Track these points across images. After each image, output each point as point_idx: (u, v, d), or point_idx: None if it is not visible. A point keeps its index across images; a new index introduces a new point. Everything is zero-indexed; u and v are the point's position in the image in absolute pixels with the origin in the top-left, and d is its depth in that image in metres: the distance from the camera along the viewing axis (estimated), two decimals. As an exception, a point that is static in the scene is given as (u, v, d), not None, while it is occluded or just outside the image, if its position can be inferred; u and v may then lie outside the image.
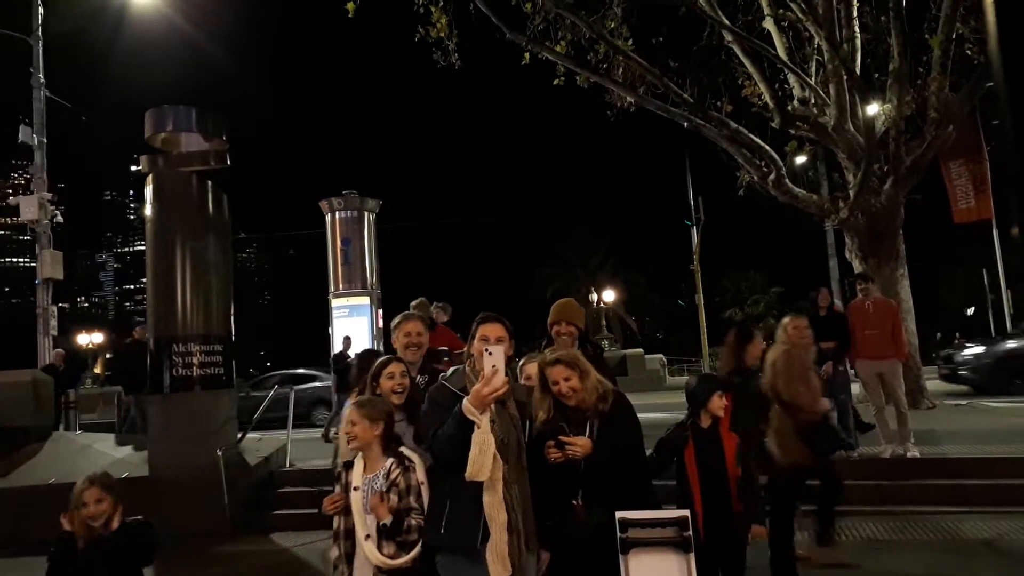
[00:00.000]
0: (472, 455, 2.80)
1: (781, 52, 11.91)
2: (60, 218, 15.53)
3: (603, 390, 3.23)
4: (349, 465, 3.20)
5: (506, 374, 2.97)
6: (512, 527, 2.84)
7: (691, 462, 3.74)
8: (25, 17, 15.18)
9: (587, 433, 3.13)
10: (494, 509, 2.82)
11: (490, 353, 2.85)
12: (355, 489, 3.09)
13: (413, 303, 8.78)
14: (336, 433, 3.97)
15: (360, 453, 3.16)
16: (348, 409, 3.25)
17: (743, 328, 5.00)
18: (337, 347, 13.65)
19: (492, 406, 2.89)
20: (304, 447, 9.87)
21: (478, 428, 2.82)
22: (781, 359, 4.56)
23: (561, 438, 3.08)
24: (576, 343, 4.15)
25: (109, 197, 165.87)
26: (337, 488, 3.21)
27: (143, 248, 10.26)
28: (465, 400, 2.84)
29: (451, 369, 3.26)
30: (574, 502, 3.11)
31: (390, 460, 3.12)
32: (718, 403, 3.77)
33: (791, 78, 12.18)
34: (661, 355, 26.64)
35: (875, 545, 5.84)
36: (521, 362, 3.73)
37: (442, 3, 11.65)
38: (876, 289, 8.29)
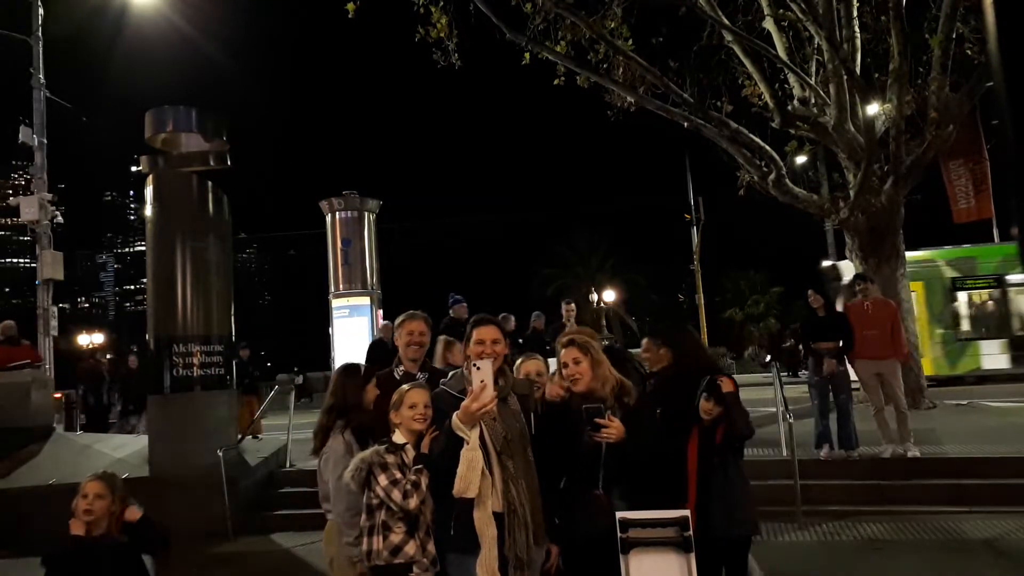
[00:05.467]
0: (460, 471, 2.79)
1: (781, 52, 11.91)
2: (60, 218, 15.53)
3: (620, 384, 3.21)
4: (397, 448, 3.14)
5: (498, 378, 2.97)
6: (520, 522, 2.84)
7: (693, 453, 3.72)
8: (25, 17, 15.18)
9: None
10: (484, 524, 2.81)
11: (478, 368, 2.82)
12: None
13: None
14: None
15: (403, 436, 3.16)
16: (415, 392, 3.22)
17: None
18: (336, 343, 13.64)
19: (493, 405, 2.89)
20: (304, 447, 9.86)
21: (467, 444, 2.80)
22: None
23: (597, 420, 3.03)
24: None
25: (109, 197, 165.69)
26: (382, 475, 3.07)
27: (143, 248, 10.26)
28: (454, 416, 2.84)
29: (451, 373, 3.26)
30: (596, 492, 3.10)
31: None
32: (705, 405, 3.75)
33: (791, 78, 12.17)
34: (661, 355, 26.60)
35: (875, 545, 5.84)
36: (519, 361, 3.74)
37: (442, 3, 11.63)
38: (875, 289, 8.28)
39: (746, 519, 3.69)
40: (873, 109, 11.17)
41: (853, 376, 7.82)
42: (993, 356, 16.10)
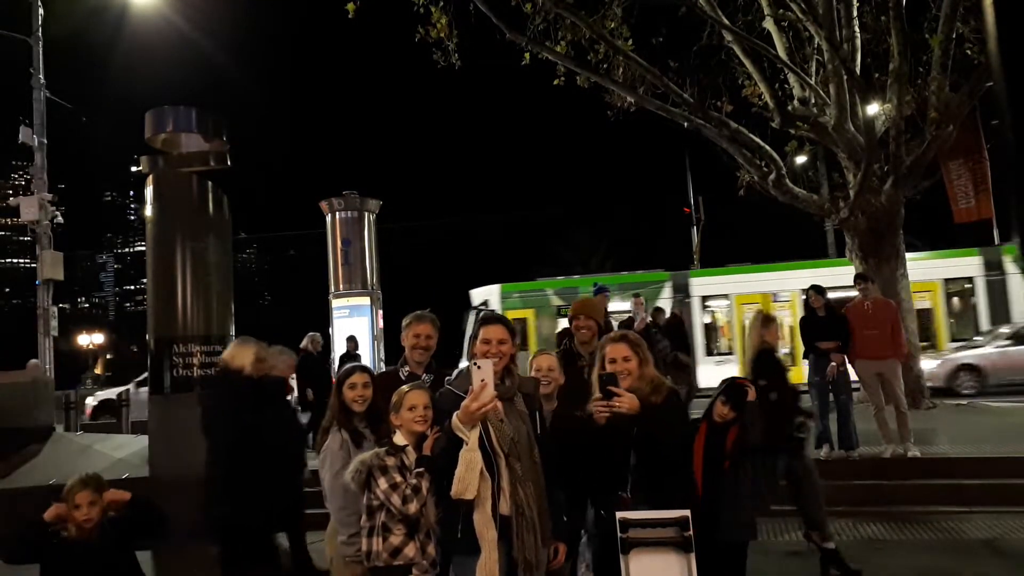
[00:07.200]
0: (458, 473, 2.75)
1: (781, 52, 11.91)
2: (60, 219, 15.55)
3: (657, 384, 3.19)
4: (398, 450, 3.12)
5: (504, 378, 2.96)
6: (529, 524, 2.82)
7: (699, 451, 3.71)
8: (25, 17, 15.19)
9: (635, 426, 3.09)
10: (483, 526, 2.78)
11: (478, 367, 2.80)
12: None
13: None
14: None
15: (404, 438, 3.14)
16: (415, 393, 3.19)
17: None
18: (340, 348, 13.62)
19: (499, 405, 2.87)
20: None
21: (466, 445, 2.78)
22: None
23: (610, 388, 3.00)
24: (596, 337, 4.18)
25: (109, 197, 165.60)
26: (382, 478, 3.07)
27: (143, 248, 10.25)
28: (454, 416, 2.81)
29: (456, 371, 3.24)
30: (622, 494, 3.09)
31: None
32: (720, 409, 3.72)
33: (791, 78, 12.17)
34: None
35: (875, 545, 5.84)
36: (532, 356, 3.76)
37: (442, 3, 11.63)
38: (875, 289, 8.28)
39: (750, 523, 3.69)
40: (873, 109, 11.18)
41: (853, 376, 7.83)
42: None
